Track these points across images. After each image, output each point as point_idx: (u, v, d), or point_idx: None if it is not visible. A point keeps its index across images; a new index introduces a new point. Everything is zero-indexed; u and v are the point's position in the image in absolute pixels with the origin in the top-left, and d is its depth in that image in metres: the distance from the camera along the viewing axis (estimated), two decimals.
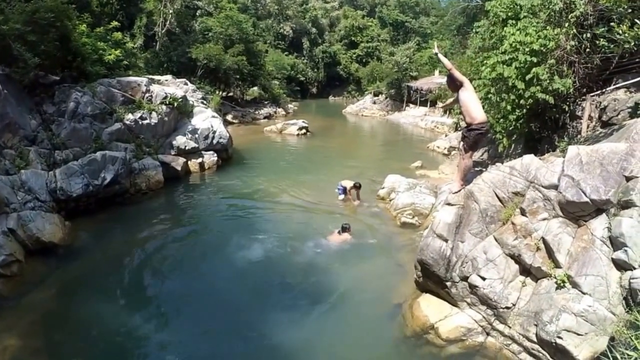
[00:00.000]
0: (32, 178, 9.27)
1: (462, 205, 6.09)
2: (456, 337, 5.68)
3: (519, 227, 5.46)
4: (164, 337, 5.99)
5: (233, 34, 29.27)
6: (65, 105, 11.40)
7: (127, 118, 12.38)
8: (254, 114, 29.73)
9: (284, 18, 48.46)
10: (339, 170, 14.62)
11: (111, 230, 9.50)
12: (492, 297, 5.46)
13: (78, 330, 6.07)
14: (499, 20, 10.18)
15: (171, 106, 13.84)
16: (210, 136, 14.79)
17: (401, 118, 32.53)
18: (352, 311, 6.58)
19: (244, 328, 6.14)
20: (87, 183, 10.04)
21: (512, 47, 9.14)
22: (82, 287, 7.28)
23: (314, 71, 50.51)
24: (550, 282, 5.07)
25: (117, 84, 12.83)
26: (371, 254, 8.58)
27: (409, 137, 26.04)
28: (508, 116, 9.61)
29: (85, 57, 12.50)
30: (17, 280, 7.15)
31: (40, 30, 10.74)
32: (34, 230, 8.04)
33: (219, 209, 11.14)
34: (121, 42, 15.57)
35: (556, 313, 4.75)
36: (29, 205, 8.82)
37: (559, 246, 5.06)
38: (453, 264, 5.92)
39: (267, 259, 8.23)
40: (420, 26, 58.25)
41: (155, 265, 8.00)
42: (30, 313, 6.43)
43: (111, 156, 10.74)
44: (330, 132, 26.37)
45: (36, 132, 10.77)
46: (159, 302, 6.89)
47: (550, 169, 5.50)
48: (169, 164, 12.96)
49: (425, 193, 10.59)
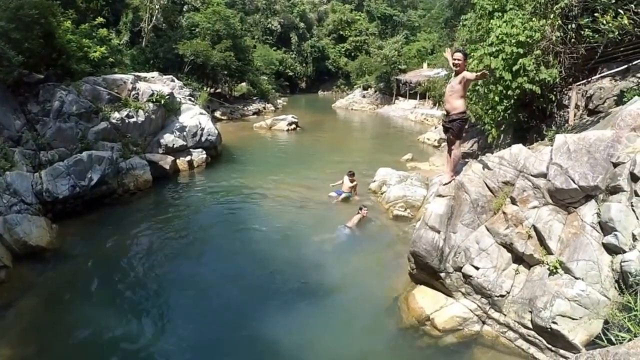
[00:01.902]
0: (17, 180, 9.04)
1: (453, 197, 6.17)
2: (452, 327, 5.76)
3: (510, 216, 5.54)
4: (156, 341, 5.94)
5: (220, 29, 29.07)
6: (50, 104, 11.20)
7: (114, 117, 12.20)
8: (243, 110, 29.56)
9: (271, 13, 48.21)
10: (330, 165, 14.65)
11: (100, 232, 9.30)
12: (486, 286, 5.55)
13: (69, 337, 5.96)
14: (485, 12, 10.28)
15: (158, 104, 13.67)
16: (199, 133, 14.64)
17: (391, 111, 32.65)
18: (347, 306, 6.61)
19: (238, 327, 6.13)
20: (74, 184, 9.82)
21: (499, 39, 9.25)
22: (71, 292, 7.10)
23: (302, 66, 50.39)
24: (543, 269, 5.17)
25: (102, 82, 12.63)
26: (364, 248, 8.63)
27: (399, 130, 26.16)
28: (496, 107, 9.73)
29: (70, 54, 12.28)
30: (4, 287, 6.92)
31: (24, 27, 10.53)
32: (21, 234, 7.84)
33: (209, 207, 11.08)
34: (107, 38, 15.36)
35: (550, 299, 4.85)
36: (15, 208, 8.58)
37: (550, 233, 5.16)
38: (446, 255, 6.00)
39: (259, 256, 8.21)
40: (409, 19, 58.47)
41: (145, 267, 7.90)
42: (19, 320, 6.29)
43: (97, 156, 10.52)
44: (320, 126, 26.36)
45: (21, 132, 10.58)
46: (151, 305, 6.80)
47: (539, 158, 5.60)
48: (157, 162, 12.80)
49: (416, 185, 10.67)
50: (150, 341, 5.93)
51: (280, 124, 23.39)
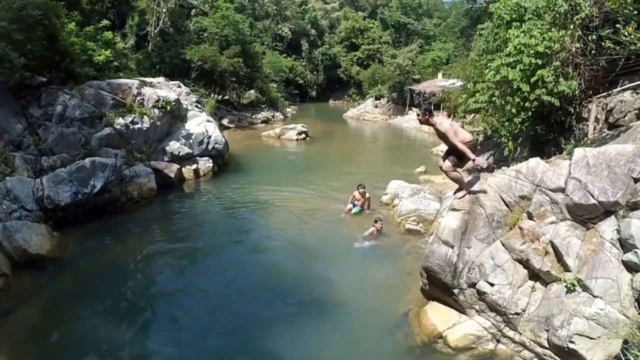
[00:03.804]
0: (18, 186, 9.12)
1: (468, 211, 6.22)
2: (466, 345, 5.78)
3: (527, 231, 5.59)
4: (157, 351, 6.02)
5: (229, 34, 29.29)
6: (53, 108, 11.31)
7: (118, 122, 12.32)
8: (251, 118, 29.84)
9: (282, 19, 48.84)
10: (341, 176, 14.73)
11: (102, 241, 9.40)
12: (501, 303, 5.58)
13: (68, 348, 6.05)
14: (503, 22, 10.44)
15: (164, 110, 13.81)
16: (205, 141, 14.76)
17: (404, 122, 32.73)
18: (358, 321, 6.65)
19: (243, 340, 6.18)
20: (76, 191, 9.87)
21: (517, 50, 9.38)
22: (71, 301, 7.18)
23: (313, 74, 50.90)
24: (560, 286, 5.20)
25: (107, 86, 12.80)
26: (376, 262, 8.68)
27: (412, 142, 26.23)
28: (513, 119, 9.82)
29: (74, 57, 12.44)
30: (3, 295, 7.01)
31: (26, 28, 10.63)
32: (21, 242, 7.87)
33: (216, 218, 11.17)
34: (112, 42, 15.58)
35: (567, 317, 4.87)
36: (15, 214, 8.66)
37: (568, 249, 5.20)
38: (460, 271, 6.03)
39: (265, 268, 8.29)
40: (423, 28, 58.86)
41: (147, 278, 8.01)
42: (18, 329, 6.38)
43: (101, 163, 10.58)
44: (330, 136, 26.52)
45: (22, 136, 10.68)
46: (152, 316, 6.91)
47: (557, 172, 5.66)
48: (161, 170, 12.89)
49: (429, 199, 10.70)
50: (151, 352, 6.01)
51: (289, 133, 23.56)
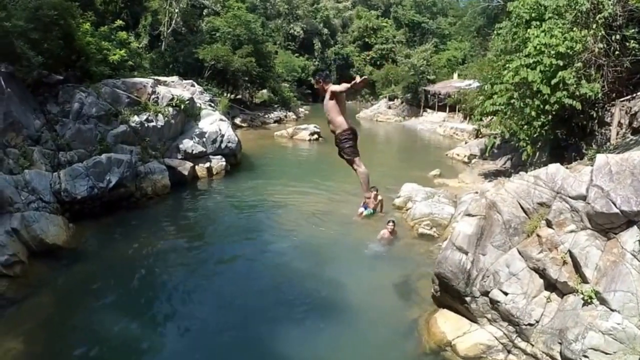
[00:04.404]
0: (36, 178, 9.48)
1: (484, 216, 6.10)
2: (475, 355, 5.66)
3: (545, 239, 5.45)
4: (167, 345, 6.10)
5: (241, 34, 29.54)
6: (70, 105, 11.64)
7: (133, 120, 12.59)
8: (264, 117, 29.98)
9: (294, 18, 48.85)
10: (353, 178, 14.55)
11: (116, 234, 9.69)
12: (514, 313, 5.43)
13: (80, 336, 6.22)
14: (522, 21, 10.24)
15: (178, 108, 14.03)
16: (219, 140, 14.94)
17: (418, 124, 32.54)
18: (366, 326, 6.59)
19: (251, 338, 6.20)
20: (92, 185, 10.23)
21: (537, 50, 9.18)
22: (84, 291, 7.43)
23: None
24: (577, 298, 5.04)
25: (122, 84, 13.07)
26: (387, 266, 8.61)
27: (427, 144, 26.03)
28: (532, 123, 9.63)
29: (90, 56, 12.72)
30: (20, 282, 7.32)
31: (43, 28, 10.95)
32: (38, 232, 8.19)
33: (227, 216, 11.25)
34: (126, 41, 15.85)
35: (582, 331, 4.73)
36: (33, 205, 9.00)
37: (587, 260, 5.05)
38: (473, 278, 5.92)
39: (275, 269, 8.28)
40: (438, 27, 58.37)
41: (159, 272, 8.14)
42: (32, 316, 6.61)
43: (117, 159, 10.92)
44: None
45: (40, 132, 11.02)
46: (161, 310, 6.99)
47: (578, 179, 5.51)
48: (175, 168, 13.11)
49: (444, 203, 10.57)
50: (158, 345, 6.11)
51: (302, 133, 23.62)
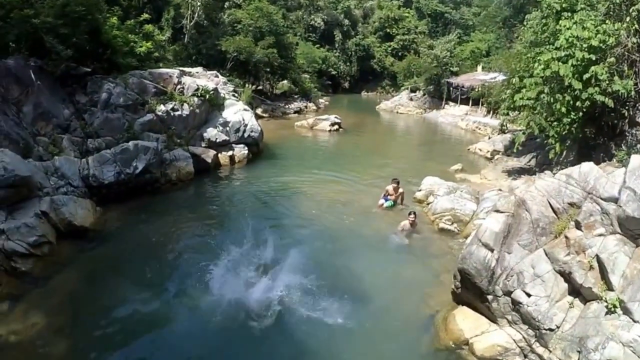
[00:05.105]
0: (65, 164, 9.92)
1: (512, 214, 5.98)
2: (491, 356, 5.61)
3: (573, 241, 5.33)
4: (188, 324, 6.28)
5: (263, 26, 29.66)
6: (98, 95, 12.06)
7: (159, 109, 12.92)
8: (284, 108, 30.02)
9: (314, 9, 48.37)
10: (373, 169, 14.65)
11: (141, 218, 10.01)
12: (535, 317, 5.34)
13: (102, 312, 6.47)
14: (552, 12, 9.91)
15: (203, 98, 14.30)
16: (242, 129, 15.13)
17: (440, 117, 32.00)
18: (382, 317, 6.62)
19: (266, 324, 6.29)
20: (119, 171, 10.57)
21: (568, 43, 8.86)
22: (109, 271, 7.74)
23: (346, 65, 50.30)
24: (600, 306, 4.93)
25: (149, 75, 13.43)
26: (406, 259, 8.59)
27: (448, 138, 25.65)
28: (562, 119, 9.32)
29: (116, 49, 13.15)
30: (47, 261, 7.73)
31: (71, 23, 11.43)
32: (66, 214, 8.59)
33: (248, 203, 11.40)
34: (151, 34, 16.16)
35: (603, 340, 4.62)
36: (62, 190, 9.45)
37: (614, 266, 4.92)
38: (497, 277, 5.84)
39: (294, 256, 8.26)
40: (462, 17, 56.98)
41: (181, 253, 8.36)
42: (57, 293, 6.95)
43: (143, 146, 11.22)
44: (363, 129, 26.34)
45: (69, 120, 11.47)
46: (183, 288, 7.17)
47: (611, 180, 5.36)
48: (199, 155, 13.38)
49: (466, 198, 10.42)
50: (175, 320, 6.32)
51: (322, 124, 23.55)
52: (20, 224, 7.78)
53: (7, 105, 10.05)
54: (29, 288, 7.02)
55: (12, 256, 7.41)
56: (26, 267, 7.44)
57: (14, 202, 8.12)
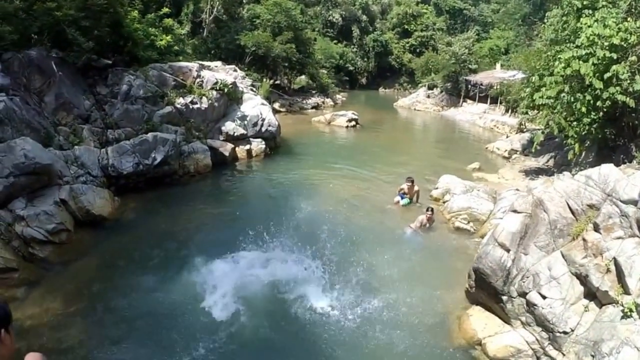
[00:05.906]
0: (85, 154, 10.11)
1: (530, 214, 5.87)
2: (504, 357, 5.52)
3: (590, 244, 5.21)
4: (203, 314, 6.30)
5: (281, 21, 29.80)
6: (118, 87, 12.23)
7: (178, 102, 13.04)
8: (302, 103, 30.05)
9: (332, 5, 48.21)
10: (390, 166, 14.57)
11: (158, 208, 10.14)
12: (550, 319, 5.23)
13: (118, 300, 6.56)
14: (573, 9, 9.65)
15: (221, 92, 14.39)
16: (259, 123, 15.18)
17: (457, 114, 31.60)
18: (394, 314, 6.56)
19: (280, 315, 6.33)
20: (138, 162, 10.71)
21: (589, 41, 8.61)
22: (125, 259, 7.85)
23: (363, 61, 50.02)
24: (616, 310, 4.80)
25: (168, 68, 13.57)
26: (421, 257, 8.52)
27: (466, 136, 25.32)
28: (582, 119, 9.09)
29: (137, 42, 13.32)
30: (65, 248, 7.86)
31: (93, 16, 11.61)
32: (85, 203, 8.73)
33: (265, 197, 11.53)
34: (171, 28, 16.34)
35: (617, 345, 4.50)
36: (81, 179, 9.63)
37: (632, 270, 4.77)
38: (512, 277, 5.75)
39: (310, 253, 8.29)
40: (480, 14, 55.94)
41: (197, 245, 8.39)
42: (74, 279, 7.08)
43: (162, 138, 11.34)
44: (380, 125, 26.18)
45: (90, 111, 11.67)
46: (200, 280, 7.18)
47: (632, 182, 5.22)
48: (217, 149, 13.49)
49: (483, 198, 10.24)
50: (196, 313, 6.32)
51: (339, 119, 23.48)
52: (40, 211, 7.91)
53: (30, 95, 10.24)
54: (46, 274, 7.17)
55: (30, 242, 7.57)
56: (44, 253, 7.58)
57: (34, 189, 8.26)
